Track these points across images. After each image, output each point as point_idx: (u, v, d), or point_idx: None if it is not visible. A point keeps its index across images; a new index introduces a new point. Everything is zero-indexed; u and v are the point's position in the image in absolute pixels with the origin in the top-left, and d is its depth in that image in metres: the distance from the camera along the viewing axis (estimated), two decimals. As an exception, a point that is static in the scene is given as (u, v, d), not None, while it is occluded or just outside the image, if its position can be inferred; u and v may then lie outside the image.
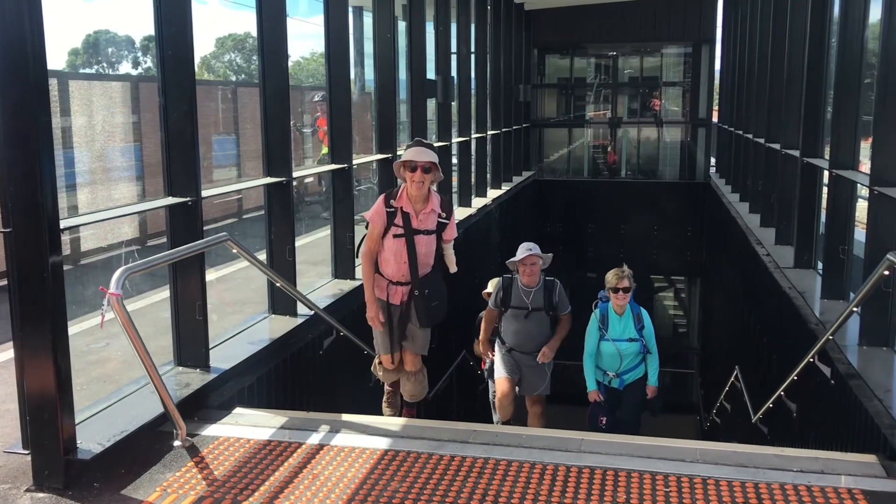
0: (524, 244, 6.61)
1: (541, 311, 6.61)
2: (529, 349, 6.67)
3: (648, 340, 6.79)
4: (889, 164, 5.52)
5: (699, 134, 19.43)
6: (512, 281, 6.68)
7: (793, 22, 9.24)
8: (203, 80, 24.75)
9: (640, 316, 6.78)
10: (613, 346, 6.68)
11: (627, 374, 6.81)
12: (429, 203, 4.93)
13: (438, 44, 10.97)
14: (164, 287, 5.71)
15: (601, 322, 6.74)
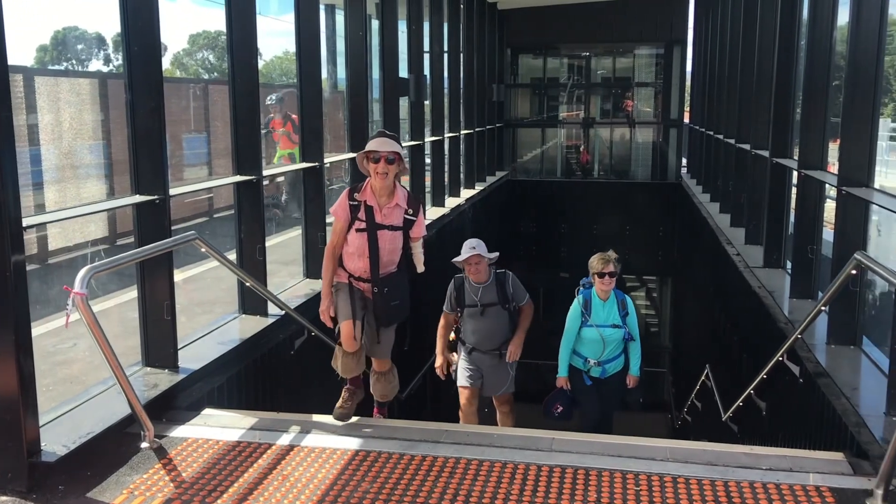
0: (467, 242, 6.49)
1: (496, 306, 6.50)
2: (489, 347, 6.57)
3: (632, 328, 6.64)
4: (856, 165, 5.59)
5: (671, 134, 19.60)
6: (463, 280, 6.57)
7: (763, 24, 9.34)
8: (173, 77, 24.47)
9: (624, 302, 6.65)
10: (597, 332, 6.53)
11: (610, 364, 6.67)
12: (394, 197, 4.70)
13: (411, 42, 10.94)
14: (133, 286, 5.64)
15: (584, 308, 6.57)
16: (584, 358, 6.67)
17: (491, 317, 6.50)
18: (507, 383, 6.67)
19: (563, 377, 6.71)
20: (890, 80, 23.07)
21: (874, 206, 5.41)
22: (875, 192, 5.39)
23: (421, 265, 4.97)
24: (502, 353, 6.57)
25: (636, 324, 6.70)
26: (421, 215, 4.83)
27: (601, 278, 6.50)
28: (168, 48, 23.86)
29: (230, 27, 5.83)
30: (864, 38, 5.46)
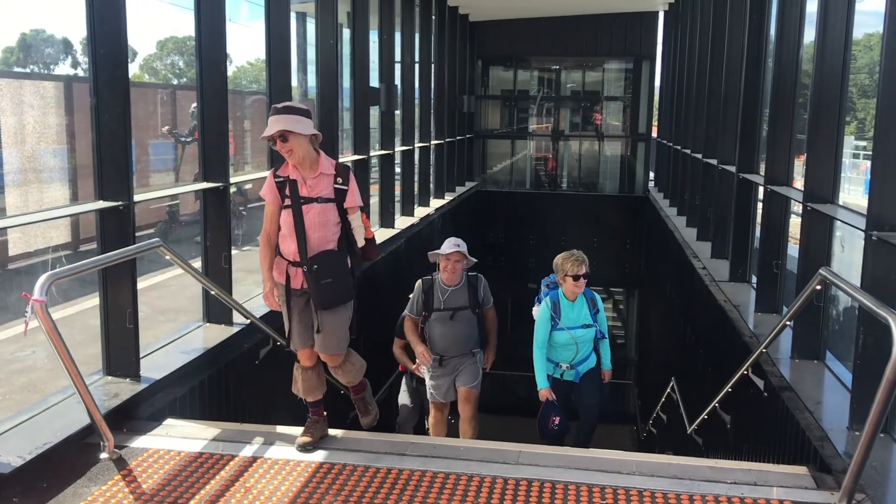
0: (450, 239, 6.19)
1: (466, 311, 6.25)
2: (457, 353, 6.31)
3: (602, 324, 6.39)
4: (821, 181, 5.66)
5: (639, 148, 19.78)
6: (432, 282, 6.28)
7: (731, 41, 9.46)
8: (141, 82, 24.19)
9: (594, 300, 6.34)
10: (568, 335, 6.21)
11: (582, 364, 6.36)
12: (318, 167, 4.27)
13: (382, 52, 10.93)
14: (96, 293, 5.54)
15: (553, 310, 6.21)
16: (555, 363, 6.35)
17: (460, 321, 6.25)
18: (477, 379, 6.33)
19: (546, 388, 6.28)
20: (853, 98, 23.53)
21: (838, 223, 5.48)
22: (839, 209, 5.47)
23: (362, 238, 4.44)
24: (473, 353, 6.35)
25: (605, 320, 6.49)
26: (352, 183, 4.34)
27: (575, 281, 6.15)
28: (137, 53, 23.60)
29: (199, 31, 5.77)
30: (829, 57, 5.54)
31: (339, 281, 4.30)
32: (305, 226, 4.24)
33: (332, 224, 4.30)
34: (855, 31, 5.51)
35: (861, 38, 20.91)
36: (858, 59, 20.74)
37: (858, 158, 22.65)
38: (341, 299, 4.36)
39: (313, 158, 4.26)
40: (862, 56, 20.90)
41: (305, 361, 4.60)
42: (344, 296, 4.36)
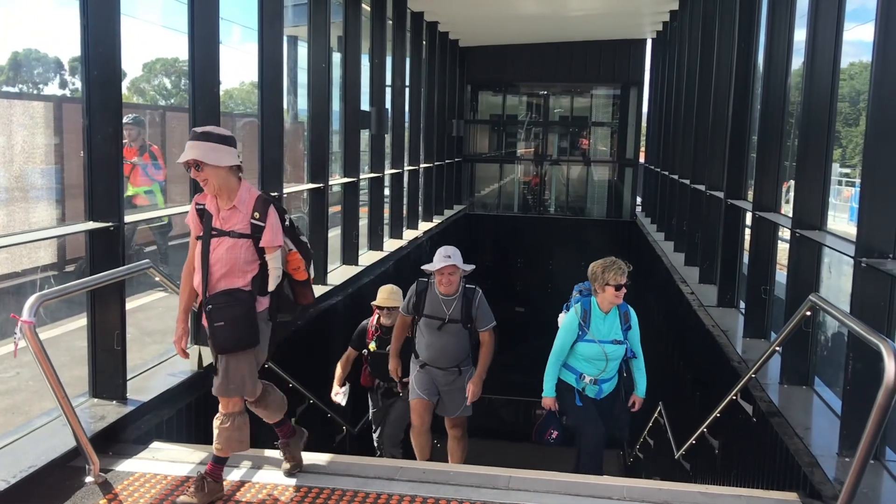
0: (442, 249, 5.89)
1: (457, 324, 5.89)
2: (444, 365, 5.99)
3: (634, 343, 5.85)
4: (810, 208, 5.70)
5: (626, 174, 19.89)
6: (427, 286, 5.95)
7: (719, 68, 9.56)
8: (130, 103, 24.13)
9: (627, 315, 5.81)
10: (599, 348, 5.70)
11: (607, 383, 5.86)
12: (234, 199, 3.90)
13: (373, 76, 10.97)
14: (82, 314, 5.49)
15: (582, 319, 5.72)
16: (577, 374, 5.80)
17: (449, 334, 5.92)
18: (465, 405, 6.08)
19: (551, 397, 5.83)
20: (838, 126, 23.83)
21: (826, 249, 5.51)
22: (828, 235, 5.51)
23: (273, 282, 3.97)
24: (461, 370, 6.03)
25: (639, 339, 5.90)
26: (271, 219, 3.90)
27: (617, 291, 5.67)
28: (127, 74, 23.60)
29: (192, 55, 5.77)
30: (817, 84, 5.60)
31: (235, 325, 3.85)
32: (210, 261, 3.87)
33: (243, 262, 3.88)
34: (842, 59, 5.58)
35: (847, 67, 21.15)
36: (843, 87, 21.00)
37: (841, 185, 22.89)
38: (238, 345, 3.89)
39: (231, 189, 3.89)
40: (843, 85, 21.20)
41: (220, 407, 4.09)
42: (242, 341, 3.89)
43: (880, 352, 3.19)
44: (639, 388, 5.98)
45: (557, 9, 15.04)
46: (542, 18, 15.73)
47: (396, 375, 6.32)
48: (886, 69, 4.19)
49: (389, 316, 6.65)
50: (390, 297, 6.68)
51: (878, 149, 4.25)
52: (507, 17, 15.60)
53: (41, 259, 9.28)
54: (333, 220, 10.23)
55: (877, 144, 4.26)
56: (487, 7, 14.68)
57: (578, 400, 5.80)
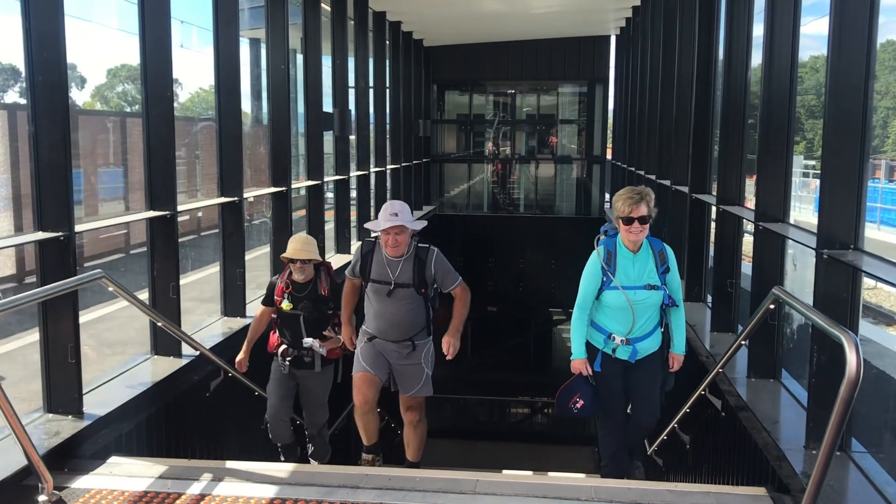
0: (388, 205, 5.03)
1: (408, 289, 5.06)
2: (395, 338, 5.14)
3: (673, 289, 4.81)
4: (772, 201, 5.70)
5: (594, 170, 19.94)
6: (374, 247, 5.14)
7: (681, 64, 9.57)
8: (93, 110, 23.83)
9: (663, 254, 4.80)
10: (623, 297, 4.70)
11: (642, 342, 4.84)
12: None
13: (335, 77, 10.87)
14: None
15: (605, 261, 4.74)
16: (605, 333, 4.88)
17: (400, 301, 5.08)
18: (423, 382, 5.24)
19: (581, 359, 4.89)
20: (801, 119, 24.08)
21: (790, 241, 5.51)
22: (790, 227, 5.51)
23: None
24: (415, 344, 5.19)
25: (679, 283, 4.90)
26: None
27: (628, 225, 4.67)
28: (88, 80, 23.21)
29: (144, 58, 5.65)
30: (776, 79, 5.61)
31: None
32: None
33: None
34: (802, 53, 5.59)
35: (807, 60, 21.40)
36: (805, 81, 21.26)
37: (808, 177, 23.14)
38: None
39: None
40: (809, 78, 21.43)
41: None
42: None
43: (842, 344, 3.16)
44: (676, 344, 4.96)
45: (520, 7, 15.03)
46: (506, 17, 15.71)
47: (351, 344, 5.35)
48: (841, 62, 4.18)
49: (302, 270, 5.70)
50: (303, 247, 5.69)
51: (836, 141, 4.24)
52: (470, 15, 15.56)
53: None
54: (299, 225, 10.12)
55: (835, 136, 4.25)
56: (450, 6, 14.63)
57: (599, 364, 4.88)
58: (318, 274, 5.82)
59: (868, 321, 12.33)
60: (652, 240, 4.79)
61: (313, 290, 5.78)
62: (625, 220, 4.66)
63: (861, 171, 4.18)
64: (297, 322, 5.76)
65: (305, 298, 5.75)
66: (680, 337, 4.96)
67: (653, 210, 4.68)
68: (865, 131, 4.14)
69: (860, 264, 4.05)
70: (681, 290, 4.88)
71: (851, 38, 4.10)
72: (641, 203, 4.62)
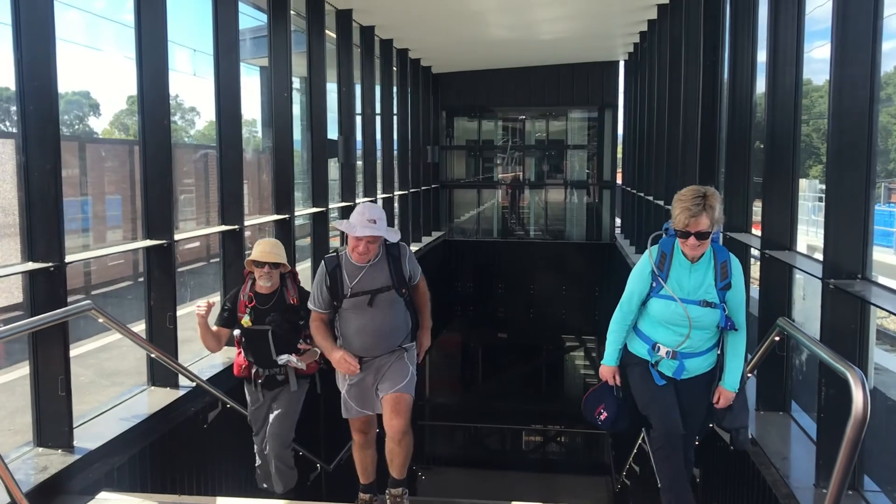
0: (363, 209, 4.49)
1: (389, 292, 4.55)
2: (382, 351, 4.60)
3: (735, 309, 4.08)
4: (778, 228, 5.58)
5: (604, 196, 19.84)
6: (339, 260, 4.58)
7: (686, 89, 9.49)
8: (112, 139, 24.01)
9: (725, 267, 4.08)
10: (680, 308, 4.06)
11: (692, 360, 4.17)
12: None
13: (341, 104, 10.85)
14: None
15: (658, 265, 4.11)
16: (651, 343, 4.22)
17: (383, 308, 4.56)
18: (406, 380, 4.60)
19: (611, 367, 4.36)
20: (815, 143, 23.92)
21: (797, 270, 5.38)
22: (797, 256, 5.38)
23: None
24: (406, 349, 4.69)
25: (743, 303, 4.12)
26: None
27: (685, 239, 4.01)
28: (105, 107, 23.40)
29: (141, 85, 5.62)
30: (780, 106, 5.52)
31: None
32: None
33: None
34: (816, 77, 5.50)
35: (822, 84, 21.26)
36: (820, 105, 21.11)
37: (822, 202, 22.89)
38: None
39: None
40: (823, 101, 21.29)
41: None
42: None
43: (847, 381, 3.04)
44: (727, 377, 4.17)
45: (528, 34, 15.01)
46: (514, 43, 15.71)
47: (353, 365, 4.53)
48: (844, 90, 4.08)
49: (269, 277, 5.22)
50: (272, 250, 5.22)
51: (840, 169, 4.14)
52: (477, 42, 15.56)
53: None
54: (305, 252, 10.05)
55: (838, 164, 4.14)
56: (457, 34, 14.63)
57: (657, 376, 4.21)
58: (284, 283, 5.34)
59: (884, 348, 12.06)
60: (717, 247, 4.11)
61: (280, 301, 5.29)
62: (682, 234, 3.99)
63: (867, 199, 4.07)
64: (265, 339, 5.28)
65: (272, 310, 5.27)
66: (734, 368, 4.15)
67: (718, 220, 3.98)
68: (870, 157, 4.03)
69: (868, 296, 3.92)
70: (744, 312, 4.12)
71: (854, 64, 4.01)
72: (702, 215, 3.92)
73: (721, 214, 4.01)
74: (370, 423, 4.81)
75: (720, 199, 4.00)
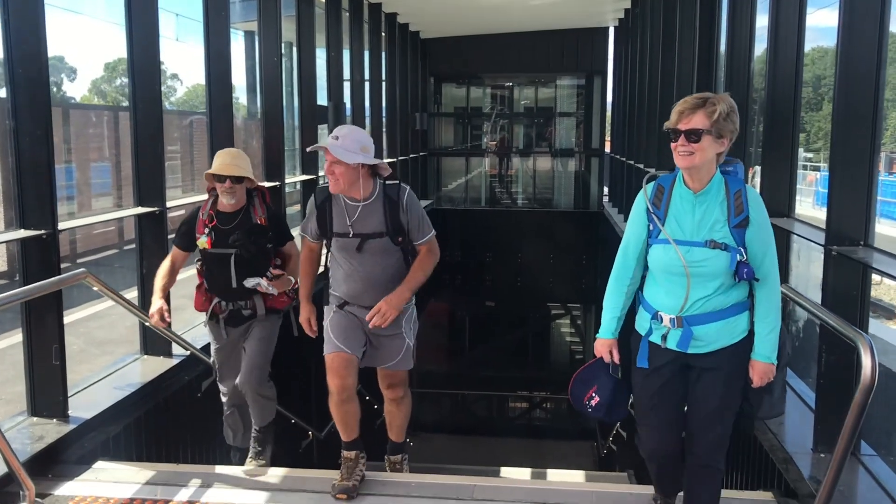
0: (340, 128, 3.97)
1: (381, 239, 3.99)
2: (370, 302, 4.00)
3: (757, 253, 3.13)
4: (777, 195, 5.56)
5: (592, 164, 19.81)
6: (327, 194, 4.03)
7: (681, 55, 9.41)
8: (90, 104, 23.67)
9: (740, 197, 3.14)
10: (675, 254, 3.15)
11: (704, 326, 3.19)
12: None
13: (330, 70, 10.72)
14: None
15: (654, 202, 3.26)
16: (652, 311, 3.32)
17: (374, 255, 4.02)
18: (402, 354, 4.18)
19: (608, 339, 3.47)
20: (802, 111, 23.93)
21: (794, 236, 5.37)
22: (796, 223, 5.36)
23: None
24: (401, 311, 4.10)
25: (769, 245, 3.16)
26: None
27: (674, 140, 3.17)
28: (82, 73, 23.06)
29: (130, 49, 5.50)
30: (781, 71, 5.46)
31: None
32: None
33: None
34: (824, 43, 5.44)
35: (808, 51, 21.25)
36: (806, 73, 21.11)
37: (806, 170, 22.98)
38: None
39: None
40: (807, 70, 21.30)
41: None
42: None
43: (857, 347, 3.03)
44: (757, 346, 3.21)
45: (518, -2, 14.88)
46: (504, 8, 15.54)
47: (312, 330, 4.24)
48: (852, 54, 4.03)
49: (232, 193, 4.53)
50: (234, 161, 4.53)
51: (846, 134, 4.10)
52: (467, 6, 15.40)
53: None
54: (296, 220, 9.97)
55: (844, 130, 4.11)
56: (446, -2, 14.49)
57: (645, 357, 3.35)
58: (251, 200, 4.66)
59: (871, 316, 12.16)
60: (731, 178, 3.22)
61: (246, 220, 4.60)
62: (672, 133, 3.17)
63: (871, 165, 4.04)
64: (227, 264, 4.57)
65: (236, 230, 4.57)
66: (764, 333, 3.18)
67: (723, 125, 3.09)
68: (876, 123, 3.99)
69: (870, 261, 3.91)
70: (773, 256, 3.16)
71: (863, 27, 3.96)
72: (699, 111, 3.09)
73: (734, 126, 3.14)
74: (349, 365, 4.01)
75: (733, 108, 3.13)
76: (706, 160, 3.12)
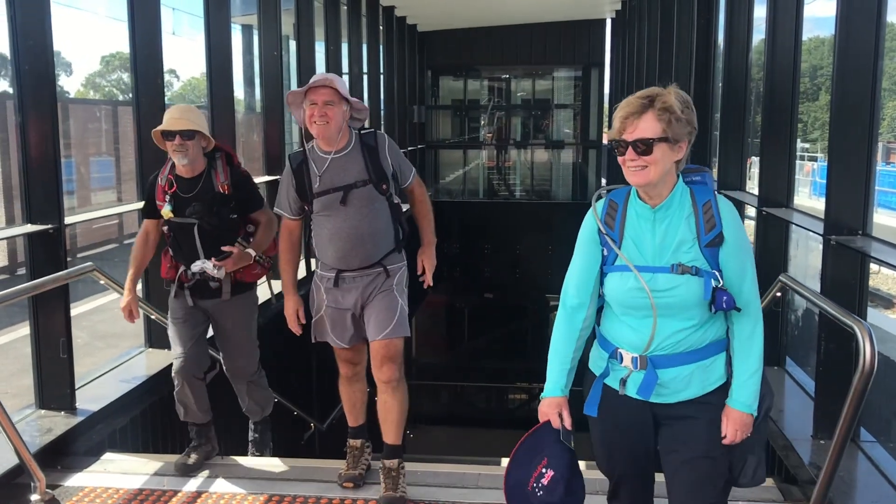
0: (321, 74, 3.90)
1: (366, 187, 3.73)
2: (360, 262, 3.79)
3: (734, 276, 2.51)
4: (776, 185, 5.61)
5: (590, 155, 19.84)
6: (305, 155, 3.78)
7: (679, 46, 9.44)
8: (86, 98, 23.63)
9: (709, 210, 2.51)
10: (637, 282, 2.50)
11: (673, 370, 2.52)
12: None
13: (329, 63, 10.74)
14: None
15: (606, 223, 2.66)
16: (611, 348, 2.64)
17: (360, 207, 3.74)
18: (398, 316, 3.83)
19: (556, 398, 2.69)
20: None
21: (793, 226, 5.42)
22: (795, 213, 5.42)
23: None
24: (388, 270, 3.86)
25: (747, 265, 2.55)
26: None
27: (621, 154, 2.52)
28: (78, 68, 23.02)
29: (133, 44, 5.53)
30: (779, 61, 5.51)
31: None
32: None
33: None
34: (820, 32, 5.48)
35: (804, 41, 21.27)
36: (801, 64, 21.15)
37: (803, 160, 23.02)
38: None
39: None
40: (802, 60, 21.38)
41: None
42: None
43: (855, 334, 3.08)
44: (735, 392, 2.56)
45: (515, -10, 14.90)
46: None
47: (296, 325, 3.98)
48: (849, 45, 4.07)
49: (184, 152, 3.99)
50: (182, 115, 4.04)
51: (844, 125, 4.15)
52: (463, -1, 15.43)
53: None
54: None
55: (842, 120, 4.15)
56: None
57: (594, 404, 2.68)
58: (213, 164, 4.14)
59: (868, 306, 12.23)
60: (696, 186, 2.59)
61: (207, 188, 4.09)
62: (617, 142, 2.52)
63: (869, 155, 4.09)
64: (192, 235, 4.10)
65: (196, 199, 4.08)
66: (745, 375, 2.57)
67: (678, 128, 2.48)
68: (874, 113, 4.04)
69: (869, 250, 3.96)
70: (753, 280, 2.56)
71: (860, 17, 4.00)
72: (647, 113, 2.48)
73: (691, 125, 2.53)
74: (356, 354, 4.00)
75: (687, 103, 2.57)
76: (663, 173, 2.49)
